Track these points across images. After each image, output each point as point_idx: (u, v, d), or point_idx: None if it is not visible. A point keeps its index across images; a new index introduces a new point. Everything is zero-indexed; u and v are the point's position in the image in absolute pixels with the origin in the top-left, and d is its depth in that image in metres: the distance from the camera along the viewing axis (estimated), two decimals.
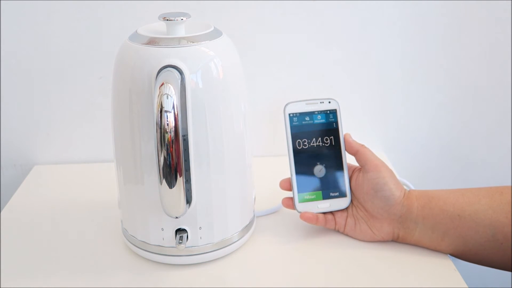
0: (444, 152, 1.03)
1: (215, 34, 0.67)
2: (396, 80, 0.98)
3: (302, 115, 0.73)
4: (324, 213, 0.74)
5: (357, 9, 0.92)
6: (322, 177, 0.74)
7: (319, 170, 0.74)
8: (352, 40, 0.94)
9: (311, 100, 0.74)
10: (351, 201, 0.74)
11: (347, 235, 0.74)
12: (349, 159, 0.74)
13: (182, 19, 0.64)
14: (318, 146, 0.74)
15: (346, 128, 0.77)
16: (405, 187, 0.73)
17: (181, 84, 0.61)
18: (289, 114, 0.73)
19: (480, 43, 0.96)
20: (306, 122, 0.73)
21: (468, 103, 1.00)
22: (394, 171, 0.91)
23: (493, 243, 0.65)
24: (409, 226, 0.70)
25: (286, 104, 0.73)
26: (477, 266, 0.70)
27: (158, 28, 0.68)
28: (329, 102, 0.74)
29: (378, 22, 0.93)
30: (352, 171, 0.74)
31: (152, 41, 0.63)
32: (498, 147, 1.03)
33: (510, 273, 0.68)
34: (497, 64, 0.97)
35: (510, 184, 1.01)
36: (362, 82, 0.97)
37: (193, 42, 0.64)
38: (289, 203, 0.74)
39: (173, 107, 0.58)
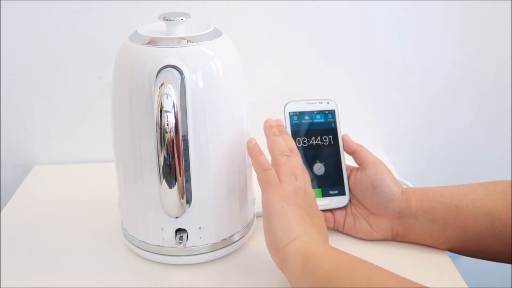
0: (444, 152, 1.03)
1: (215, 34, 0.66)
2: (396, 79, 0.97)
3: (302, 114, 0.75)
4: (323, 211, 0.74)
5: (356, 9, 0.92)
6: (321, 175, 0.75)
7: (318, 168, 0.75)
8: (352, 40, 0.94)
9: (310, 100, 0.75)
10: (350, 199, 0.74)
11: (346, 233, 0.74)
12: (347, 161, 0.75)
13: (182, 19, 0.64)
14: (317, 145, 0.75)
15: (346, 127, 0.77)
16: (404, 186, 0.73)
17: (181, 84, 0.61)
18: (289, 113, 0.74)
19: (479, 43, 0.96)
20: (306, 121, 0.75)
21: (468, 103, 1.00)
22: (394, 171, 0.91)
23: (492, 231, 0.66)
24: (408, 221, 0.70)
25: (287, 103, 0.74)
26: (477, 266, 0.70)
27: (158, 28, 0.68)
28: (328, 103, 0.76)
29: (378, 22, 0.93)
30: (350, 171, 0.75)
31: (152, 41, 0.63)
32: (498, 148, 1.03)
33: (510, 273, 0.68)
34: (496, 64, 0.97)
35: None
36: (362, 81, 0.97)
37: (193, 42, 0.64)
38: None
39: (173, 107, 0.58)
